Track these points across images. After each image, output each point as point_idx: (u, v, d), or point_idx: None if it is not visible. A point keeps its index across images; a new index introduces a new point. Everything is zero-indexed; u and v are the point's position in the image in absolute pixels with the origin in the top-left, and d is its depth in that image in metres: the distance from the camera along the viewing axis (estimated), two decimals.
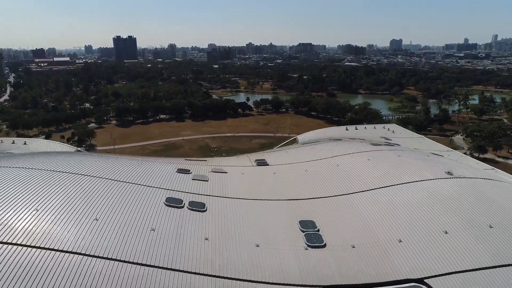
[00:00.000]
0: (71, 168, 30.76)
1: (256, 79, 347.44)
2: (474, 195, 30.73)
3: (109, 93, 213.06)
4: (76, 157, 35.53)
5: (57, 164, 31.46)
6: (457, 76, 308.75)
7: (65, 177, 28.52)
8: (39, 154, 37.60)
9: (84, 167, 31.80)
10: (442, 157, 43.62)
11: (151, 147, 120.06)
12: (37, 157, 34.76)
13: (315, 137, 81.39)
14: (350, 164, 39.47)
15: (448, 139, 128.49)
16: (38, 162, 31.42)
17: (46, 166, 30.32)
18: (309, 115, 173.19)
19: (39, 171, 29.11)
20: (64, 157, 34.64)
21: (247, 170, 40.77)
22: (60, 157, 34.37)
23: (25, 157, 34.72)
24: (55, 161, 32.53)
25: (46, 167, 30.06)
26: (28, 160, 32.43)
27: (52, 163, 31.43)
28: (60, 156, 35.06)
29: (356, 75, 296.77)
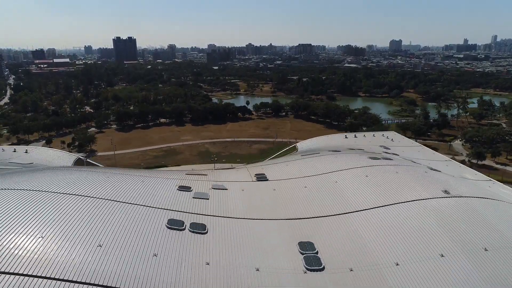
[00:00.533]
0: (73, 189, 31.33)
1: (256, 81, 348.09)
2: (470, 216, 31.32)
3: (109, 96, 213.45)
4: (78, 175, 36.02)
5: (60, 184, 32.02)
6: (457, 79, 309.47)
7: (68, 200, 29.06)
8: (41, 172, 38.07)
9: (86, 187, 32.38)
10: (440, 172, 44.05)
11: (151, 153, 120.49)
12: (39, 176, 35.30)
13: (314, 145, 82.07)
14: (348, 181, 40.01)
15: (447, 144, 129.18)
16: (41, 183, 31.99)
17: (49, 187, 30.89)
18: (309, 119, 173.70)
19: (43, 193, 29.65)
20: (66, 176, 35.13)
21: (247, 186, 41.28)
22: (62, 177, 34.86)
23: (28, 176, 35.23)
24: (57, 181, 33.07)
25: (50, 189, 30.63)
26: (30, 180, 33.00)
27: (54, 184, 32.00)
28: (61, 175, 35.55)
29: (355, 77, 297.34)
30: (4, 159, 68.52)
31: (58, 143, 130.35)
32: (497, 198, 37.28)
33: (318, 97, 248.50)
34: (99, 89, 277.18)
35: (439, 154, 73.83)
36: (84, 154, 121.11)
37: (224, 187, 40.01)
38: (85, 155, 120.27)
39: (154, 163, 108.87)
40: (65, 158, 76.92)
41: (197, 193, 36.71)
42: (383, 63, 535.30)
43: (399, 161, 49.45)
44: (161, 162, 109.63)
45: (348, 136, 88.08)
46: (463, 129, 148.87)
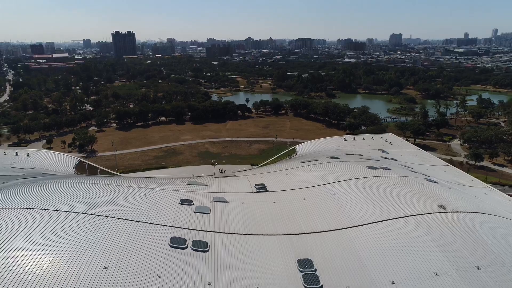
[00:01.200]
0: (78, 206, 32.20)
1: (256, 77, 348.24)
2: (463, 233, 32.20)
3: (109, 94, 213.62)
4: (81, 190, 36.84)
5: (64, 202, 32.87)
6: (456, 75, 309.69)
7: (73, 220, 29.88)
8: (44, 186, 38.84)
9: (91, 204, 33.25)
10: (437, 184, 44.84)
11: (151, 153, 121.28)
12: (42, 191, 36.06)
13: (313, 148, 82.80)
14: (346, 194, 40.84)
15: (446, 144, 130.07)
16: (45, 200, 32.85)
17: (54, 205, 31.74)
18: (308, 117, 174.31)
19: (47, 212, 30.51)
20: (69, 192, 35.90)
21: (247, 198, 42.10)
22: (66, 193, 35.63)
23: (30, 191, 36.02)
24: (61, 198, 33.88)
25: (54, 207, 31.48)
26: (33, 196, 33.82)
27: (59, 201, 32.84)
28: (65, 191, 36.33)
29: (355, 74, 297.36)
30: (7, 164, 69.29)
31: (59, 143, 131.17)
32: (491, 211, 38.18)
33: (318, 94, 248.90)
34: (99, 86, 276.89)
35: (436, 158, 74.66)
36: (84, 154, 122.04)
37: (225, 199, 40.84)
38: (86, 155, 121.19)
39: (154, 164, 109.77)
40: (66, 161, 77.89)
41: (198, 207, 37.54)
42: (383, 58, 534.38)
43: (396, 170, 50.21)
44: (161, 163, 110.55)
45: (347, 139, 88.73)
46: (461, 128, 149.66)
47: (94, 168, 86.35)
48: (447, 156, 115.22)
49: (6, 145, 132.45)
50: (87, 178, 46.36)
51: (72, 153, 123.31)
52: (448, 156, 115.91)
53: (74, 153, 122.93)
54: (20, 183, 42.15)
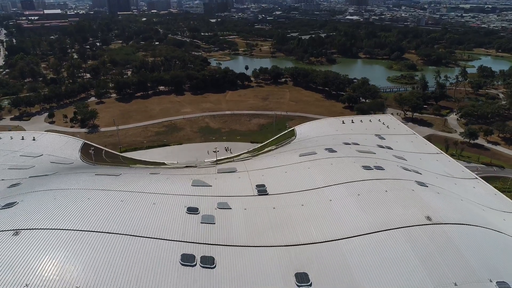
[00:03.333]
0: (93, 223, 35.25)
1: (254, 38, 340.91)
2: (446, 249, 35.50)
3: (107, 61, 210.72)
4: (95, 203, 39.78)
5: (81, 218, 35.88)
6: (460, 38, 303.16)
7: (90, 239, 33.01)
8: (59, 195, 41.65)
9: (104, 219, 36.41)
10: (427, 188, 47.59)
11: (153, 129, 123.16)
12: (58, 204, 39.00)
13: (312, 131, 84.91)
14: (342, 200, 43.79)
15: (443, 119, 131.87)
16: (62, 217, 35.86)
17: (70, 223, 34.79)
18: (308, 87, 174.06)
19: (65, 232, 33.64)
20: (84, 205, 38.81)
21: (249, 203, 45.09)
22: (81, 205, 38.57)
23: (48, 205, 38.98)
24: (77, 213, 36.85)
25: (71, 225, 34.52)
26: (52, 213, 36.79)
27: (75, 218, 35.87)
28: (80, 203, 39.22)
29: (356, 36, 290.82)
30: (15, 151, 71.75)
31: (60, 117, 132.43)
32: (474, 220, 41.37)
33: (318, 59, 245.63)
34: (95, 49, 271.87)
35: (430, 145, 76.92)
36: (87, 129, 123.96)
37: (228, 205, 43.85)
38: (88, 130, 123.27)
39: (156, 141, 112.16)
40: (72, 145, 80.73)
41: (204, 217, 40.58)
42: (387, 15, 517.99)
43: (390, 170, 52.59)
44: (163, 139, 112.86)
45: (345, 121, 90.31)
46: (459, 101, 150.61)
47: (98, 150, 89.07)
48: (443, 133, 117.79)
49: (8, 119, 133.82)
50: (96, 181, 48.86)
51: (75, 128, 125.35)
52: (444, 132, 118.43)
53: (76, 128, 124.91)
54: (35, 192, 44.72)
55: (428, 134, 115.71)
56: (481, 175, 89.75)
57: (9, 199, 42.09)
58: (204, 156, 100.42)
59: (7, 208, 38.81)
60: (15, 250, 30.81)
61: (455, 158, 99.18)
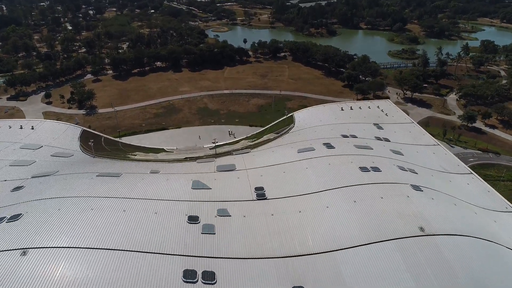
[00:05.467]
0: (98, 239, 36.48)
1: (253, 5, 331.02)
2: (437, 262, 37.12)
3: (101, 33, 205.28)
4: (98, 215, 40.89)
5: (86, 235, 37.11)
6: (464, 6, 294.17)
7: (95, 258, 34.38)
8: (63, 206, 42.70)
9: (108, 234, 37.60)
10: (422, 193, 48.63)
11: (151, 110, 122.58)
12: (63, 217, 40.10)
13: (311, 118, 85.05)
14: (338, 207, 44.93)
15: (442, 99, 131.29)
16: (68, 233, 37.05)
17: (76, 241, 36.05)
18: (308, 62, 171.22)
19: (71, 250, 34.92)
20: (87, 220, 39.93)
21: (248, 209, 46.24)
22: (85, 219, 39.69)
23: (53, 219, 40.04)
24: (82, 229, 38.04)
25: (76, 242, 35.83)
26: (58, 230, 37.96)
27: (81, 234, 37.10)
28: (84, 217, 40.33)
29: (358, 5, 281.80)
30: (14, 143, 72.11)
31: (57, 96, 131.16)
32: (468, 230, 42.81)
33: (318, 30, 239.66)
34: (88, 19, 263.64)
35: (428, 136, 77.31)
36: (84, 111, 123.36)
37: (228, 212, 45.07)
38: (86, 112, 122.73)
39: (155, 124, 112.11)
40: (71, 134, 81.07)
41: (204, 226, 41.85)
42: None
43: (386, 171, 53.35)
44: (161, 122, 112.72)
45: (344, 108, 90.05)
46: (460, 79, 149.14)
47: (98, 137, 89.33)
48: (442, 115, 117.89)
49: (5, 99, 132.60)
50: (98, 185, 49.70)
51: (73, 110, 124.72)
52: (443, 114, 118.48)
53: (74, 110, 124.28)
54: (39, 200, 45.61)
55: (426, 116, 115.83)
56: (477, 162, 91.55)
57: (14, 209, 43.12)
58: (203, 141, 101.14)
59: (13, 221, 39.89)
60: (24, 273, 32.16)
61: (453, 143, 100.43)
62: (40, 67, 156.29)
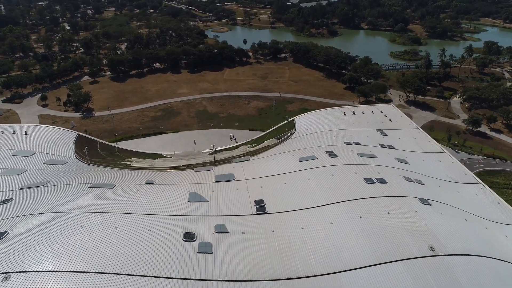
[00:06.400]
0: (90, 263, 34.07)
1: (253, 5, 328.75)
2: (448, 284, 34.85)
3: (99, 34, 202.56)
4: (90, 235, 38.56)
5: (79, 258, 34.72)
6: (467, 6, 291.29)
7: (82, 283, 31.95)
8: (54, 226, 40.32)
9: (100, 257, 35.22)
10: (430, 207, 46.22)
11: (149, 113, 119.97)
12: (54, 239, 37.68)
13: (312, 123, 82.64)
14: (342, 224, 42.53)
15: (446, 102, 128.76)
16: (59, 257, 34.61)
17: (68, 264, 33.62)
18: (309, 64, 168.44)
19: (62, 275, 32.48)
20: (78, 242, 37.59)
21: (247, 224, 43.86)
22: (76, 241, 37.32)
23: (45, 242, 37.63)
24: (74, 251, 35.68)
25: (68, 266, 33.40)
26: (49, 252, 35.56)
27: (73, 257, 34.76)
28: (76, 238, 37.97)
29: (359, 5, 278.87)
30: (8, 149, 69.80)
31: (53, 99, 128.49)
32: (479, 249, 40.42)
33: (319, 30, 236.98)
34: (87, 19, 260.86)
35: (434, 142, 74.79)
36: (81, 114, 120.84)
37: (226, 228, 42.68)
38: (82, 115, 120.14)
39: (152, 127, 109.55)
40: (65, 139, 78.83)
41: (201, 245, 39.50)
42: None
43: (392, 184, 50.90)
44: (159, 126, 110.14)
45: (347, 112, 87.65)
46: (464, 81, 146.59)
47: (93, 142, 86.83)
48: (446, 119, 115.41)
49: (0, 101, 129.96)
50: (89, 199, 47.31)
51: (69, 112, 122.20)
52: (447, 118, 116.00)
53: (70, 112, 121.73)
54: (26, 216, 43.21)
55: (430, 120, 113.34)
56: (483, 169, 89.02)
57: (0, 226, 40.80)
58: (201, 146, 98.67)
59: None
60: None
61: (458, 148, 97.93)
62: (37, 68, 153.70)
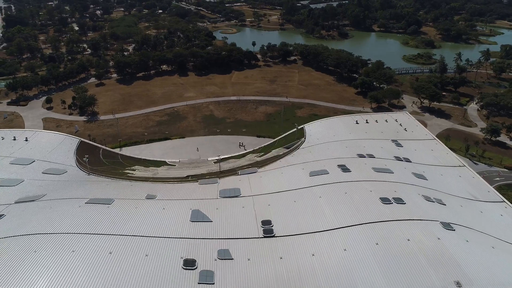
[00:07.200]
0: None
1: (262, 5, 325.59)
2: None
3: (107, 35, 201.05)
4: (83, 259, 35.39)
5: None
6: (481, 8, 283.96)
7: None
8: (45, 250, 37.28)
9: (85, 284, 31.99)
10: (454, 232, 42.17)
11: (154, 117, 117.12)
12: (46, 265, 34.64)
13: (323, 132, 78.95)
14: (357, 252, 38.73)
15: (462, 109, 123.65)
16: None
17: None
18: (319, 67, 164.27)
19: None
20: (72, 266, 34.45)
21: (253, 250, 40.39)
22: (70, 265, 34.19)
23: (34, 270, 34.59)
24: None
25: None
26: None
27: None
28: (70, 263, 34.86)
29: (370, 7, 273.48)
30: (5, 157, 67.35)
31: (58, 101, 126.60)
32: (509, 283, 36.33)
33: (329, 33, 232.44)
34: (96, 20, 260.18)
35: (452, 155, 70.44)
36: (85, 118, 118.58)
37: (230, 254, 39.30)
38: (87, 119, 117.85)
39: (158, 132, 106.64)
40: (67, 146, 76.57)
41: (202, 274, 36.15)
42: None
43: (411, 204, 46.95)
44: (164, 131, 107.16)
45: (359, 121, 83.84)
46: (480, 87, 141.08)
47: (96, 148, 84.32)
48: (463, 127, 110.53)
49: (5, 103, 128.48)
50: (84, 218, 44.25)
51: (73, 116, 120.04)
52: (464, 126, 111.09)
53: (75, 116, 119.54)
54: (16, 237, 40.31)
55: (446, 128, 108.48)
56: (504, 182, 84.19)
57: None
58: (206, 153, 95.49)
59: None
60: None
61: (476, 159, 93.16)
62: (43, 69, 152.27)
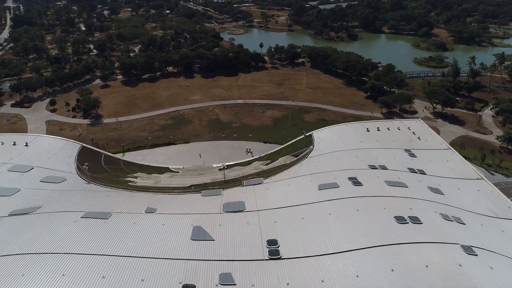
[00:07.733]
0: None
1: (270, 6, 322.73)
2: None
3: (114, 35, 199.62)
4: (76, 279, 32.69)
5: None
6: (494, 10, 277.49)
7: None
8: (37, 272, 34.67)
9: None
10: (475, 257, 38.82)
11: (159, 121, 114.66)
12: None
13: (332, 141, 75.77)
14: (371, 278, 35.64)
15: (477, 115, 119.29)
16: None
17: None
18: (327, 70, 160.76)
19: None
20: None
21: (257, 273, 37.55)
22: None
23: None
24: None
25: None
26: None
27: None
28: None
29: (380, 8, 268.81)
30: (4, 163, 65.31)
31: (62, 103, 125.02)
32: None
33: (338, 34, 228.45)
34: (103, 20, 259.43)
35: (469, 166, 66.75)
36: (89, 120, 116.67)
37: (232, 279, 36.42)
38: (91, 122, 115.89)
39: (162, 137, 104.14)
40: (68, 151, 74.68)
41: None
42: None
43: (428, 225, 43.60)
44: (169, 135, 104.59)
45: (370, 128, 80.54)
46: (495, 92, 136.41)
47: (97, 154, 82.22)
48: (477, 134, 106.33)
49: (9, 104, 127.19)
50: (79, 235, 41.67)
51: (77, 119, 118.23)
52: (479, 133, 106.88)
53: (79, 119, 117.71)
54: (4, 257, 37.81)
55: (460, 136, 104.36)
56: None
57: None
58: (210, 159, 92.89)
59: None
60: None
61: (492, 169, 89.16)
62: (49, 70, 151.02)
